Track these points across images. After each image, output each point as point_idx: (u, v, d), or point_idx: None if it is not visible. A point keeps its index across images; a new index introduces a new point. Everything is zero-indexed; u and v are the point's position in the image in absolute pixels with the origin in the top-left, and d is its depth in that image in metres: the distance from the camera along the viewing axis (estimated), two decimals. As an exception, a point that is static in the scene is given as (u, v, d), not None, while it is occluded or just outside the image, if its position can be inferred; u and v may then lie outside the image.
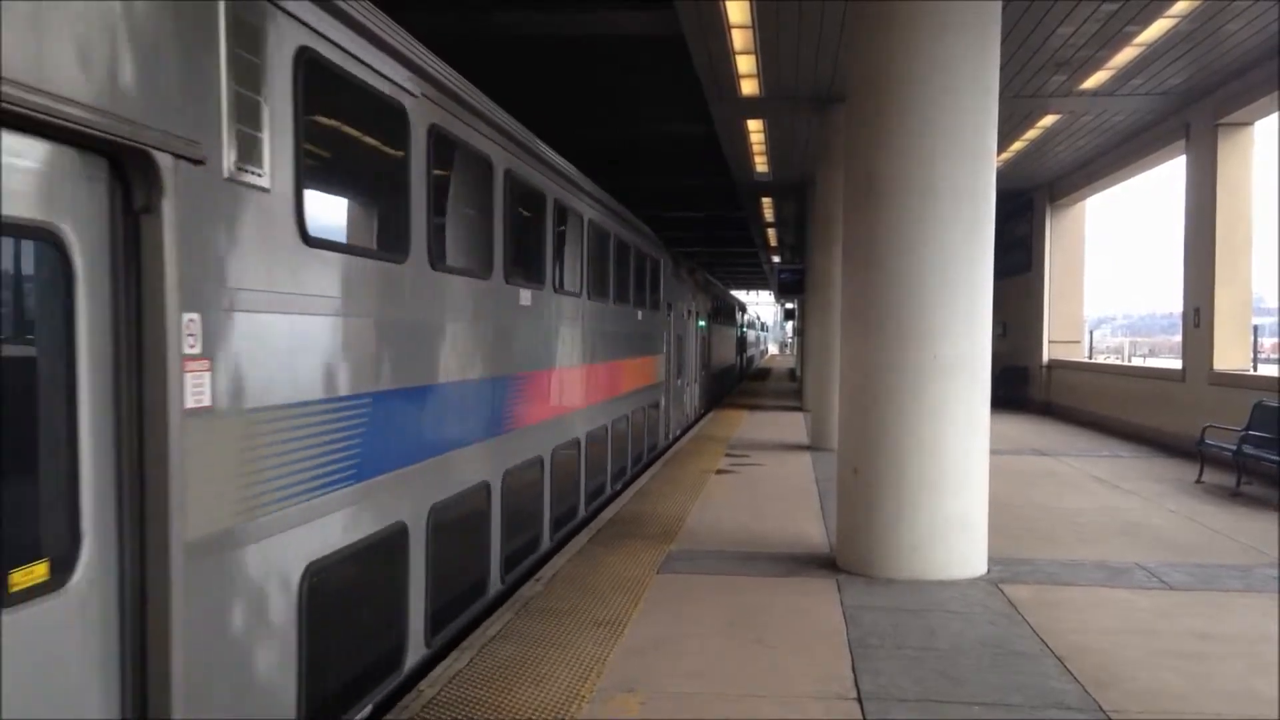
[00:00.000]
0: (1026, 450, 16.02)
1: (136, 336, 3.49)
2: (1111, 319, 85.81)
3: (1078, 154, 20.03)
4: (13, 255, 3.04)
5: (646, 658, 5.74)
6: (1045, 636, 6.18)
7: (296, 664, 4.45)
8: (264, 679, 4.20)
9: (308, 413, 4.58)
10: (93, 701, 3.26)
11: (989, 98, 7.62)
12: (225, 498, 3.91)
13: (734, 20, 11.88)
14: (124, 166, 3.41)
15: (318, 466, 4.66)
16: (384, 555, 5.50)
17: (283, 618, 4.37)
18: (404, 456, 5.71)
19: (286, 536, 4.37)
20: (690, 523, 9.82)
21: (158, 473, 3.50)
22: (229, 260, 3.94)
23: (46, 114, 2.93)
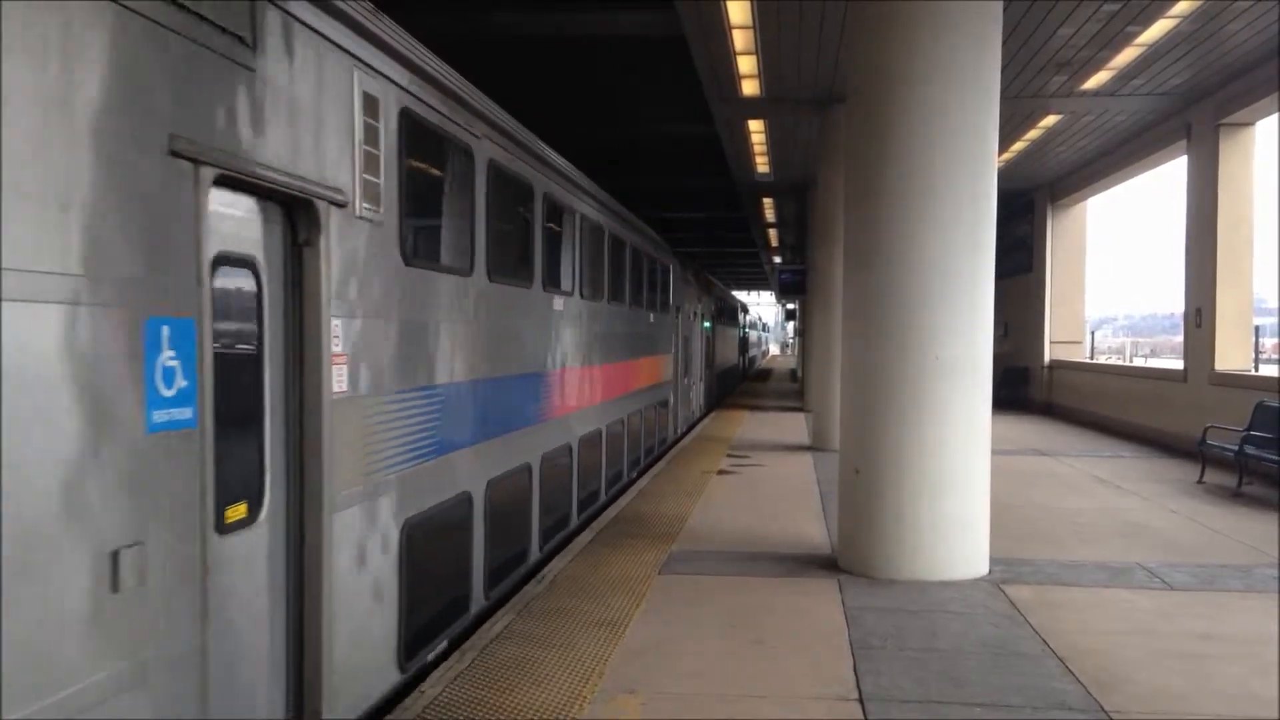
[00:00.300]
0: (1028, 451, 16.01)
1: (299, 338, 4.65)
2: (1113, 319, 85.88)
3: (1079, 154, 20.03)
4: (230, 279, 4.18)
5: (648, 658, 5.74)
6: (1047, 637, 6.17)
7: (398, 597, 5.69)
8: (377, 603, 5.44)
9: (406, 399, 5.78)
10: (269, 603, 4.51)
11: (990, 98, 7.61)
12: (356, 463, 5.10)
13: (735, 21, 11.88)
14: (293, 211, 4.59)
15: (412, 442, 5.87)
16: (456, 519, 6.73)
17: (390, 559, 5.57)
18: (469, 438, 6.94)
19: (392, 496, 5.59)
20: (692, 523, 9.82)
21: (313, 442, 4.70)
22: (358, 279, 5.11)
23: (258, 179, 4.15)
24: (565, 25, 13.60)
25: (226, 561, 4.08)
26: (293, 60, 4.48)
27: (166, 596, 3.56)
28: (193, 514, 3.74)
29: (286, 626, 4.65)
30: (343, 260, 4.92)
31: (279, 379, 4.55)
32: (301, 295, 4.66)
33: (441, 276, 6.45)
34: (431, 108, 6.18)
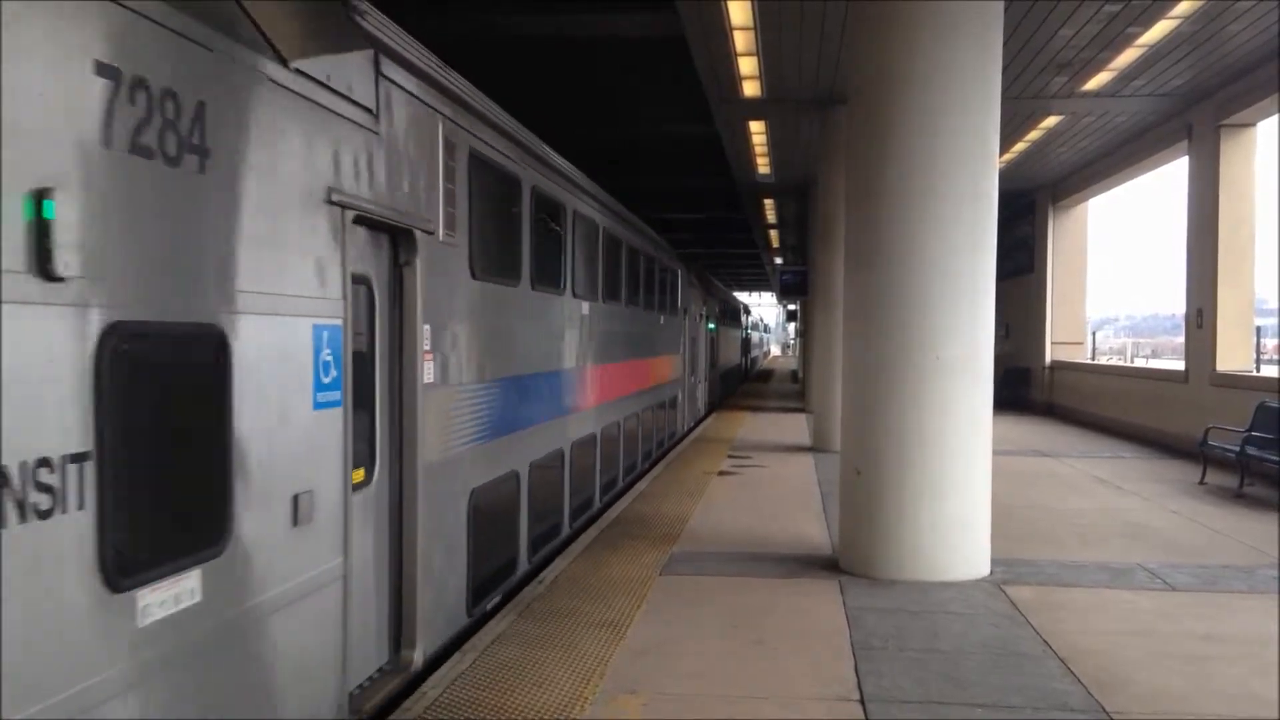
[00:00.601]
0: (1029, 451, 16.01)
1: (400, 339, 5.82)
2: (1114, 320, 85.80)
3: (1080, 155, 20.02)
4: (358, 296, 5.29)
5: (649, 659, 5.74)
6: (1048, 638, 6.17)
7: (467, 551, 6.86)
8: (453, 555, 6.61)
9: (474, 390, 7.04)
10: (376, 550, 5.68)
11: (991, 99, 7.61)
12: (438, 440, 6.27)
13: (736, 22, 11.88)
14: (396, 238, 5.79)
15: (477, 425, 7.09)
16: (507, 492, 7.97)
17: (461, 520, 6.79)
18: (517, 424, 8.14)
19: (462, 468, 6.76)
20: (693, 524, 9.82)
21: (410, 422, 5.86)
22: (440, 291, 6.29)
23: (379, 216, 5.33)
24: (566, 26, 13.61)
25: (356, 513, 5.21)
26: (400, 121, 5.71)
27: (322, 532, 4.76)
28: (338, 473, 4.92)
29: (390, 570, 5.84)
30: (431, 277, 6.11)
31: (384, 372, 5.72)
32: (401, 305, 5.87)
33: (498, 287, 7.67)
34: (491, 146, 7.42)
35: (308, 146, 4.62)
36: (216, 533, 3.93)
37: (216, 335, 3.91)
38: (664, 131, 20.38)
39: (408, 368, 5.89)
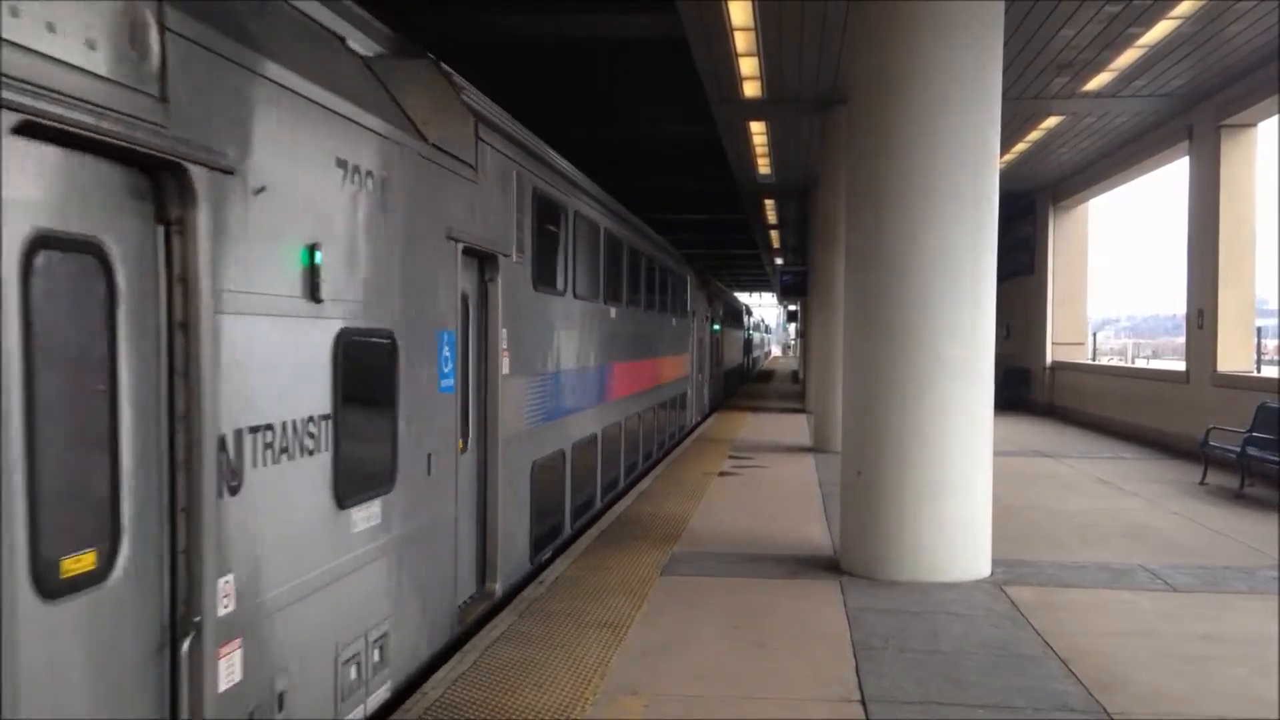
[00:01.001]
0: (1030, 452, 16.01)
1: (485, 340, 7.33)
2: (1115, 321, 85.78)
3: (1080, 156, 20.02)
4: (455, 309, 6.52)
5: (649, 660, 5.74)
6: (1049, 639, 6.17)
7: (529, 511, 8.48)
8: (521, 512, 8.22)
9: (534, 380, 8.60)
10: (471, 499, 7.13)
11: (991, 99, 7.61)
12: (512, 419, 7.79)
13: (736, 22, 11.88)
14: (484, 261, 7.28)
15: (537, 409, 8.69)
16: (557, 466, 9.61)
17: (525, 485, 8.35)
18: (564, 411, 9.84)
19: (526, 443, 8.33)
20: (693, 525, 9.82)
21: (492, 405, 7.37)
22: (512, 301, 7.81)
23: (477, 245, 6.80)
24: (568, 27, 13.61)
25: (462, 472, 6.68)
26: (490, 172, 7.30)
27: (443, 485, 6.25)
28: (452, 441, 6.43)
29: (477, 522, 7.31)
30: (506, 290, 7.59)
31: (474, 365, 7.20)
32: (486, 313, 7.38)
33: (550, 297, 9.25)
34: (546, 182, 9.09)
35: (437, 199, 6.17)
36: (389, 475, 5.45)
37: (390, 338, 5.45)
38: (664, 132, 20.39)
39: (491, 362, 7.45)
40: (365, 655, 5.13)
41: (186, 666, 3.59)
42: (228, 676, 3.82)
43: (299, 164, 4.40)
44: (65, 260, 3.07)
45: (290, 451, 4.35)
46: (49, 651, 2.98)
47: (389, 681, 5.40)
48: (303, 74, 4.44)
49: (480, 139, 7.00)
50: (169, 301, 3.59)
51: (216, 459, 3.75)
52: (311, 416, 4.54)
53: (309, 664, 4.53)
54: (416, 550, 5.84)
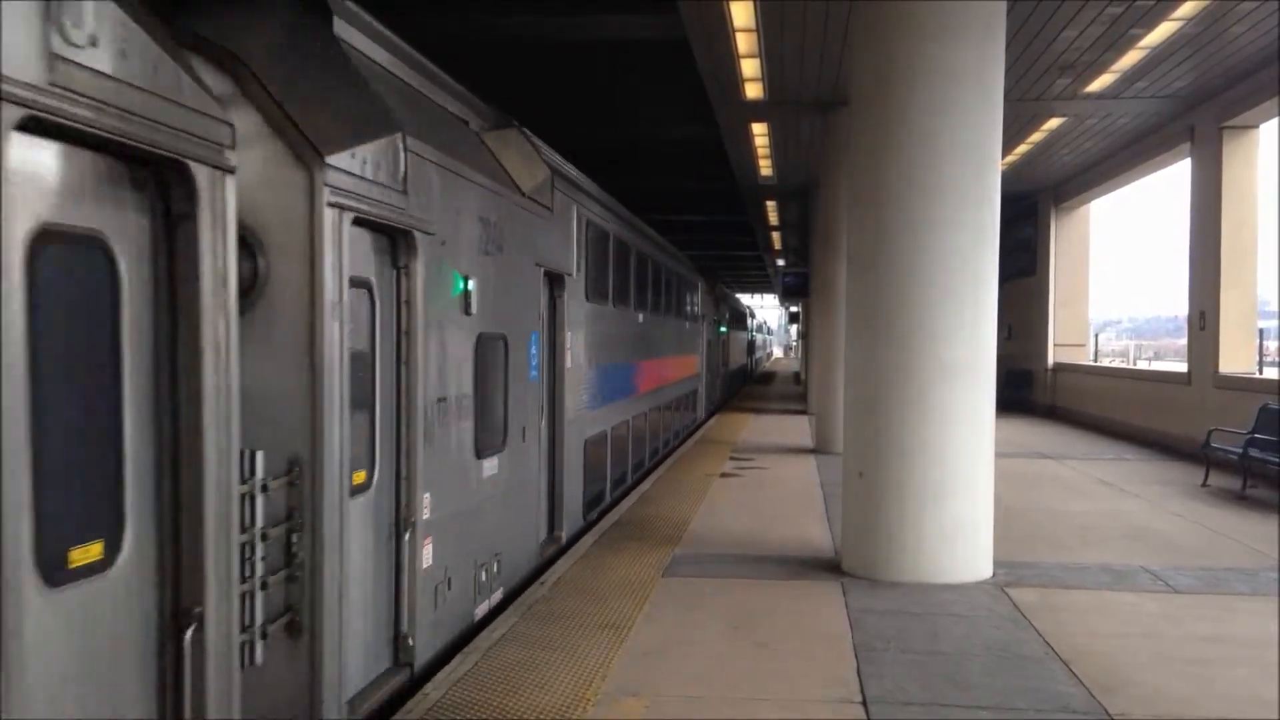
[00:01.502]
0: (1031, 453, 16.00)
1: (553, 339, 9.06)
2: (1116, 322, 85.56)
3: (1082, 157, 20.01)
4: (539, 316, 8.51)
5: (651, 661, 5.74)
6: (1050, 640, 6.17)
7: (582, 479, 10.32)
8: (576, 478, 10.06)
9: (587, 373, 10.52)
10: (543, 464, 8.74)
11: (994, 100, 7.61)
12: (571, 404, 9.61)
13: (738, 23, 11.88)
14: (553, 280, 8.99)
15: (588, 396, 10.55)
16: (601, 445, 11.51)
17: (579, 457, 10.18)
18: (607, 399, 11.66)
19: (580, 424, 10.17)
20: (695, 526, 9.82)
21: (558, 392, 9.20)
22: (572, 309, 9.59)
23: (552, 269, 8.81)
24: (570, 29, 13.62)
25: (520, 456, 7.92)
26: (559, 210, 9.10)
27: (531, 451, 8.20)
28: (537, 416, 8.37)
29: (548, 484, 9.02)
30: (569, 302, 9.52)
31: (546, 357, 8.77)
32: (554, 320, 9.20)
33: (597, 306, 11.12)
34: (594, 214, 10.96)
35: (528, 235, 7.95)
36: (503, 439, 7.37)
37: (504, 339, 7.30)
38: (666, 133, 20.40)
39: (559, 357, 9.30)
40: (488, 567, 7.08)
41: (408, 550, 5.58)
42: (426, 559, 5.80)
43: (461, 223, 6.38)
44: (357, 294, 5.04)
45: (454, 416, 6.29)
46: None
47: (500, 590, 7.34)
48: (462, 161, 6.41)
49: (554, 187, 8.95)
50: (398, 315, 5.52)
51: (424, 419, 5.70)
52: (464, 393, 6.47)
53: (460, 565, 6.46)
54: (516, 497, 7.76)
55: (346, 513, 4.79)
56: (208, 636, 3.54)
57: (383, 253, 5.37)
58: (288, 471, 4.50)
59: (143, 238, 3.40)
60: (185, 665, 3.47)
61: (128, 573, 3.31)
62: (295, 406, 4.50)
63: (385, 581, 5.46)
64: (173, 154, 3.31)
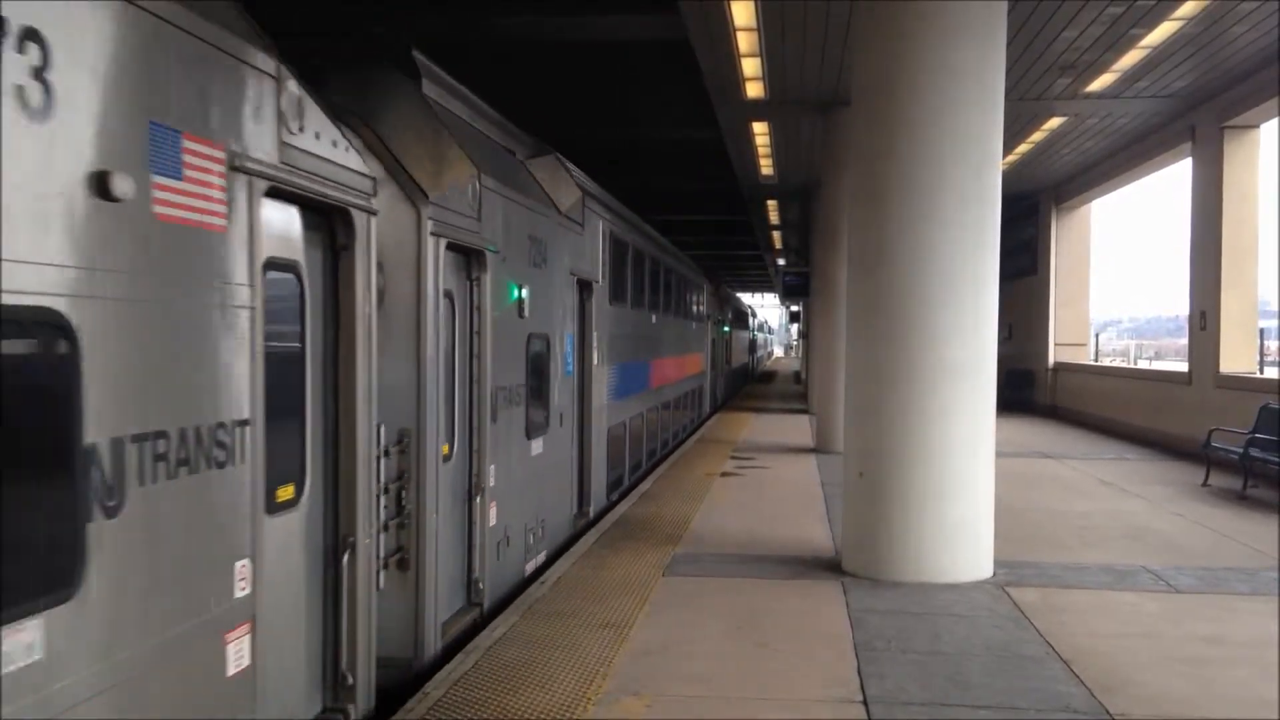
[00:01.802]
0: (1032, 453, 16.00)
1: (582, 339, 10.47)
2: (1117, 322, 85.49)
3: (1083, 157, 20.01)
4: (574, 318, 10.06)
5: (652, 661, 5.75)
6: (1051, 640, 6.17)
7: (605, 463, 11.59)
8: (601, 464, 11.37)
9: (610, 369, 11.74)
10: (571, 455, 10.02)
11: (994, 100, 7.62)
12: (596, 396, 10.93)
13: (739, 23, 11.88)
14: (583, 285, 10.35)
15: (611, 389, 11.86)
16: (621, 434, 12.86)
17: (604, 443, 11.47)
18: (626, 393, 13.01)
19: (604, 414, 11.44)
20: (696, 525, 9.82)
21: (586, 385, 10.64)
22: (596, 313, 10.84)
23: (583, 277, 10.26)
24: (571, 30, 13.62)
25: (556, 444, 9.20)
26: (589, 225, 10.50)
27: (566, 435, 9.55)
28: (571, 406, 9.74)
29: (578, 466, 10.32)
30: (596, 306, 10.81)
31: (578, 354, 10.08)
32: (583, 321, 10.40)
33: (617, 309, 12.41)
34: (615, 226, 12.34)
35: (565, 248, 9.32)
36: (546, 423, 8.74)
37: (547, 338, 8.64)
38: (667, 133, 20.39)
39: (587, 354, 10.61)
40: (535, 531, 8.37)
41: (479, 510, 6.88)
42: (491, 519, 7.08)
43: (515, 240, 7.65)
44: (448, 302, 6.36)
45: (512, 402, 7.61)
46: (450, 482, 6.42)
47: (544, 552, 8.72)
48: (516, 189, 7.68)
49: (586, 206, 10.34)
50: (470, 318, 6.81)
51: (491, 403, 7.00)
52: (518, 384, 7.80)
53: (515, 527, 7.78)
54: (555, 474, 9.20)
55: (440, 476, 6.12)
56: (358, 560, 4.91)
57: (461, 268, 6.68)
58: (398, 442, 5.79)
59: (318, 265, 4.65)
60: (343, 581, 4.87)
61: (308, 508, 4.62)
62: (404, 391, 5.80)
63: (461, 535, 6.78)
64: (341, 204, 4.66)
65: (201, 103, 3.55)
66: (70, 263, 2.87)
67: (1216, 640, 6.24)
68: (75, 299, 2.88)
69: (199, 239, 3.54)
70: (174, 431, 3.36)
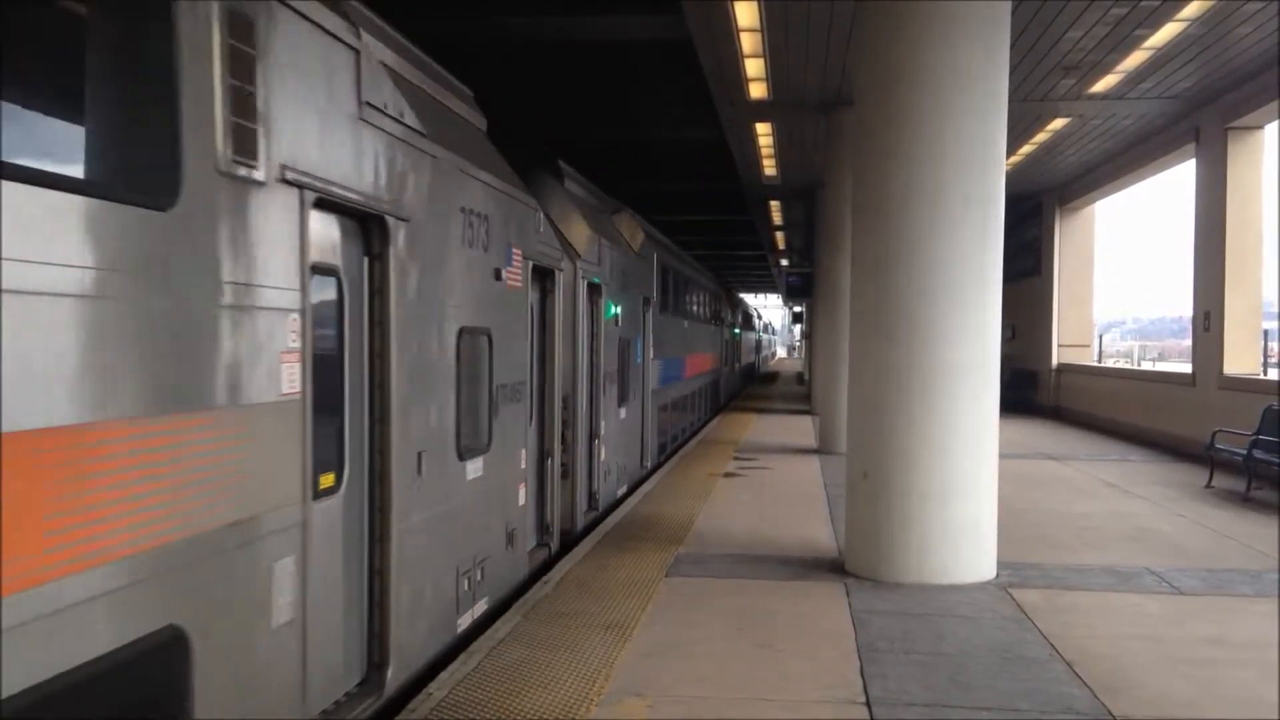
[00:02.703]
0: (1035, 454, 15.99)
1: (645, 339, 14.54)
2: (1121, 323, 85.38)
3: (1087, 158, 19.99)
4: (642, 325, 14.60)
5: (655, 661, 5.74)
6: (1054, 641, 6.16)
7: (656, 435, 15.57)
8: (653, 434, 15.24)
9: (659, 362, 15.81)
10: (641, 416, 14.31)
11: (998, 101, 7.61)
12: (654, 379, 15.27)
13: (742, 24, 11.88)
14: (646, 301, 14.48)
15: (657, 378, 15.59)
16: (666, 412, 16.82)
17: (655, 420, 15.44)
18: (666, 381, 16.52)
19: (655, 397, 15.38)
20: (698, 526, 9.82)
21: (646, 373, 14.56)
22: (656, 320, 15.34)
23: (646, 295, 14.54)
24: (575, 30, 13.61)
25: (627, 421, 12.81)
26: (646, 256, 14.35)
27: (638, 407, 13.81)
28: (643, 387, 14.24)
29: (641, 430, 13.94)
30: (651, 316, 14.63)
31: (643, 353, 13.90)
32: (644, 327, 14.13)
33: (665, 317, 15.89)
34: (664, 256, 15.94)
35: (641, 277, 13.29)
36: (626, 396, 12.37)
37: (629, 340, 12.40)
38: (670, 134, 20.38)
39: (645, 351, 13.84)
40: (624, 469, 12.29)
41: (597, 449, 10.75)
42: (602, 455, 10.98)
43: (615, 275, 11.47)
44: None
45: (610, 381, 11.14)
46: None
47: (626, 485, 12.52)
48: (614, 241, 10.86)
49: (646, 242, 14.22)
50: (591, 326, 10.33)
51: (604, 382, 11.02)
52: (614, 369, 11.48)
53: (612, 464, 11.61)
54: (630, 434, 13.08)
55: (580, 424, 9.98)
56: (553, 465, 9.02)
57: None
58: (564, 403, 9.35)
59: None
60: (547, 475, 8.93)
61: (537, 431, 7.79)
62: (568, 371, 9.56)
63: (586, 465, 10.39)
64: (556, 267, 8.15)
65: (518, 230, 7.47)
66: (492, 309, 6.82)
67: (1219, 642, 6.23)
68: (493, 325, 6.83)
69: (517, 294, 7.49)
70: (511, 383, 7.34)
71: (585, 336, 10.05)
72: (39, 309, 2.70)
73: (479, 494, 6.57)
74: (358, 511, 5.03)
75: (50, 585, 2.72)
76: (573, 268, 9.46)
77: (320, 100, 4.30)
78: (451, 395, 6.02)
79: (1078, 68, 13.46)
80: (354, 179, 4.66)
